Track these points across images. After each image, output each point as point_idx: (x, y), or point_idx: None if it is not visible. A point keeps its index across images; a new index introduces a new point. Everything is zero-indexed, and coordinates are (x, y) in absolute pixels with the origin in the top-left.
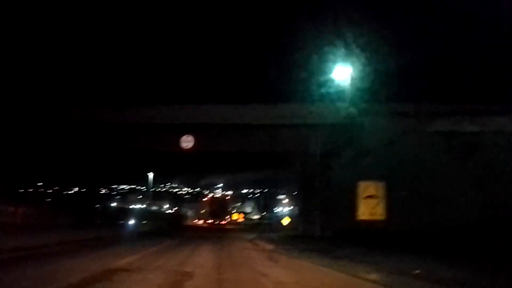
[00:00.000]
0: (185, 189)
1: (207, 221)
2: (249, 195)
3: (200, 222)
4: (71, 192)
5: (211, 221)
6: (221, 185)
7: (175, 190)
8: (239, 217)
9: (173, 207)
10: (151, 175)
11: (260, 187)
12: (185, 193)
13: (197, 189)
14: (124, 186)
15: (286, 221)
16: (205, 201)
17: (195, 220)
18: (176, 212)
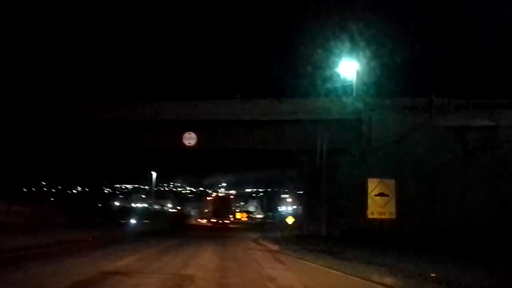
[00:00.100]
0: (188, 189)
1: (211, 220)
2: (253, 194)
3: (203, 221)
4: (75, 191)
5: (214, 220)
6: (224, 184)
7: (178, 189)
8: (243, 216)
9: (177, 206)
10: (155, 174)
11: (263, 186)
12: (189, 192)
13: (201, 188)
14: (128, 185)
15: (290, 220)
16: (208, 200)
17: (198, 219)
18: (179, 211)
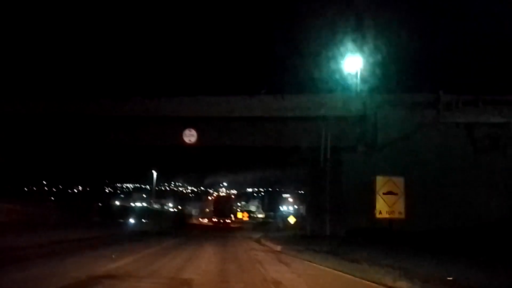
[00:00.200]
0: (189, 188)
1: (212, 220)
2: (254, 193)
3: (204, 220)
4: (76, 191)
5: (215, 220)
6: (225, 183)
7: (179, 189)
8: (244, 216)
9: (177, 206)
10: (155, 174)
11: (264, 185)
12: (190, 192)
13: (202, 188)
14: (129, 185)
15: (292, 219)
16: (209, 199)
17: (199, 218)
18: (179, 210)
